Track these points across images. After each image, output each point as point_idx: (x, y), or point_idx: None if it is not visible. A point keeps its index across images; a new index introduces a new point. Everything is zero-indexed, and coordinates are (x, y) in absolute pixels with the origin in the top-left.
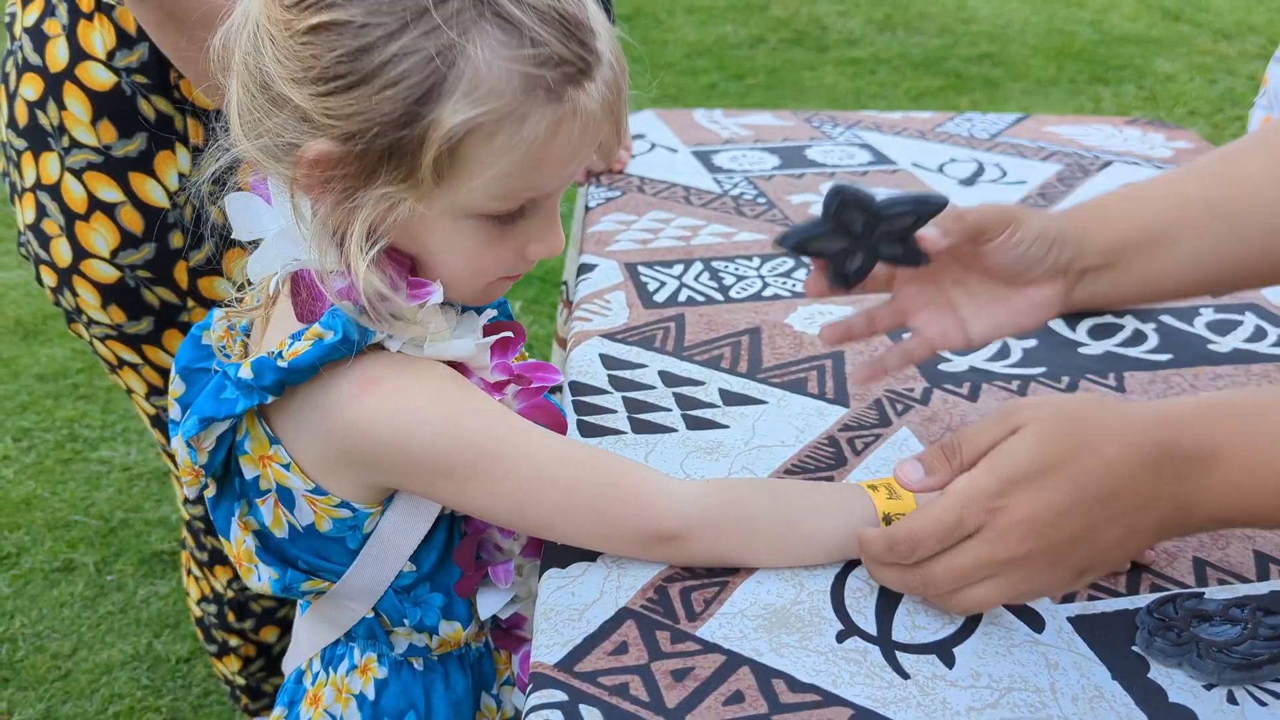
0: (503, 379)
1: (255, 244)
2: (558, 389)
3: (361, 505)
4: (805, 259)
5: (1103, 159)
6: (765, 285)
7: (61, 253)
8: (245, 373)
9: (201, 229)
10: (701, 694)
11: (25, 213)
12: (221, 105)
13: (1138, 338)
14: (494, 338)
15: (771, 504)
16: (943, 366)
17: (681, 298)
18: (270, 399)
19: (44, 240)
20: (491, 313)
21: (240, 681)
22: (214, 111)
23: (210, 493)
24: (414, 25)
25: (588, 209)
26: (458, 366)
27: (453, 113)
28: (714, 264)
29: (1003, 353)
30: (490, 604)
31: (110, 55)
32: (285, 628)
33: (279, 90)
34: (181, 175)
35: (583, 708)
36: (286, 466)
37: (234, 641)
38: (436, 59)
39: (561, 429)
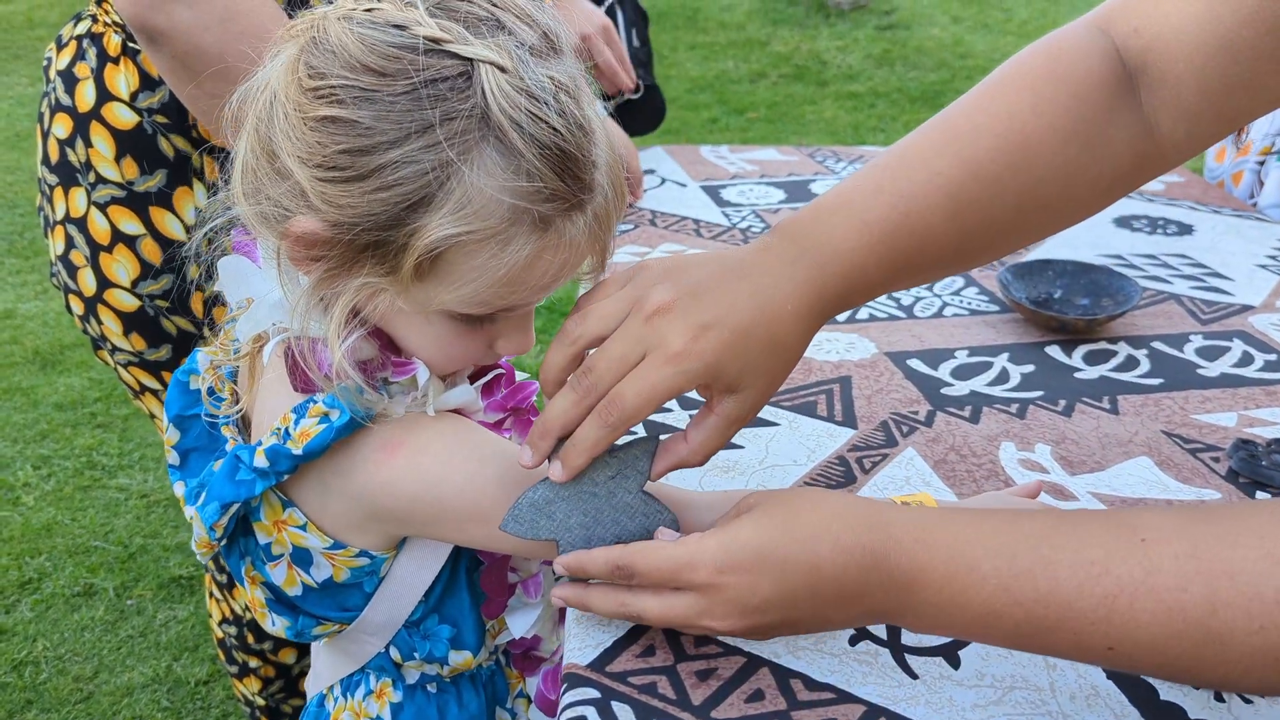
0: (500, 416)
1: None
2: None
3: (379, 552)
4: None
5: None
6: None
7: (87, 282)
8: (261, 461)
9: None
10: (724, 692)
11: (56, 244)
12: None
13: (1130, 363)
14: (481, 382)
15: None
16: (945, 390)
17: None
18: (287, 476)
19: (72, 270)
20: None
21: (260, 702)
22: (229, 152)
23: (220, 547)
24: (416, 137)
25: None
26: (460, 412)
27: (438, 226)
28: None
29: (1002, 377)
30: (522, 623)
31: (133, 96)
32: (303, 649)
33: (284, 163)
34: (198, 210)
35: (614, 704)
36: (303, 527)
37: (254, 663)
38: (431, 173)
39: None
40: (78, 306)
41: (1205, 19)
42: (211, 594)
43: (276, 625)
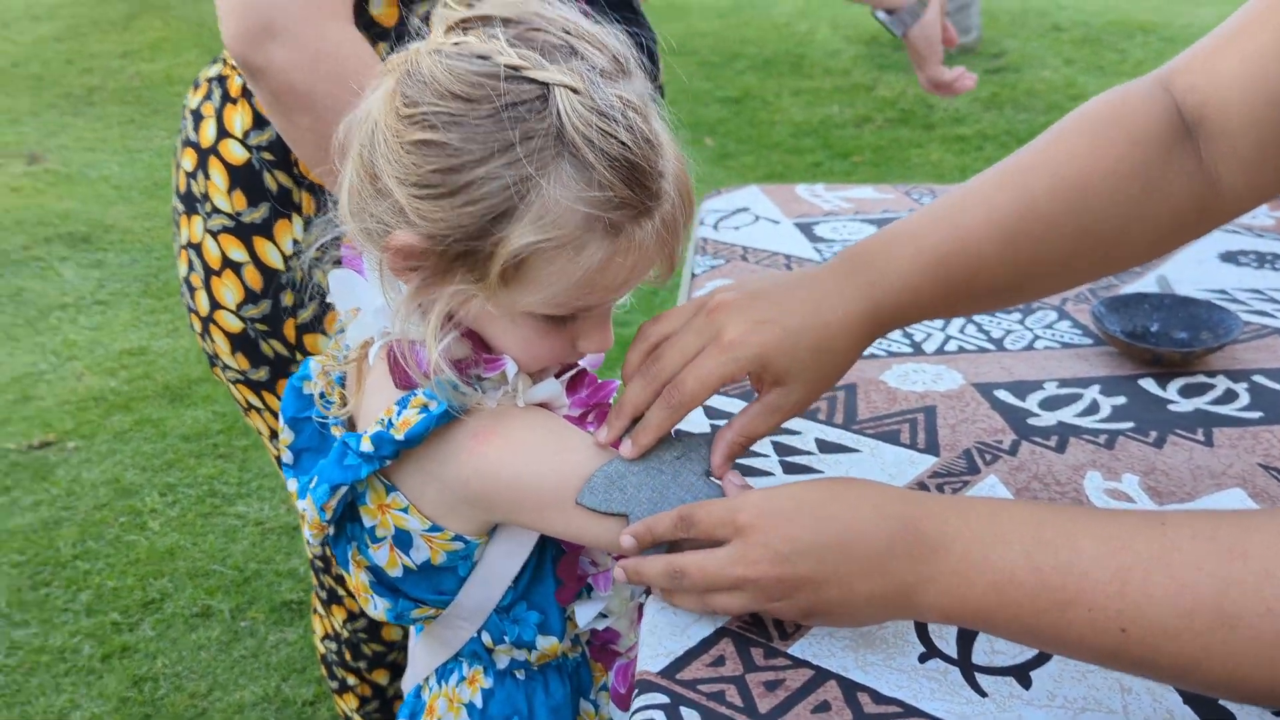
0: (583, 411)
1: None
2: None
3: (472, 537)
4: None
5: None
6: None
7: (202, 303)
8: (366, 446)
9: (307, 291)
10: (791, 703)
11: (181, 267)
12: (330, 186)
13: (1229, 396)
14: (566, 377)
15: None
16: (1031, 420)
17: None
18: (390, 462)
19: (191, 291)
20: None
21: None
22: (324, 189)
23: (330, 531)
24: (499, 155)
25: (693, 275)
26: (546, 405)
27: (520, 235)
28: None
29: (1092, 409)
30: (587, 613)
31: (246, 134)
32: (396, 672)
33: (384, 183)
34: (295, 241)
35: (683, 709)
36: (405, 510)
37: (351, 680)
38: (512, 187)
39: None
40: (196, 325)
41: (1257, 75)
42: (316, 610)
43: (379, 608)
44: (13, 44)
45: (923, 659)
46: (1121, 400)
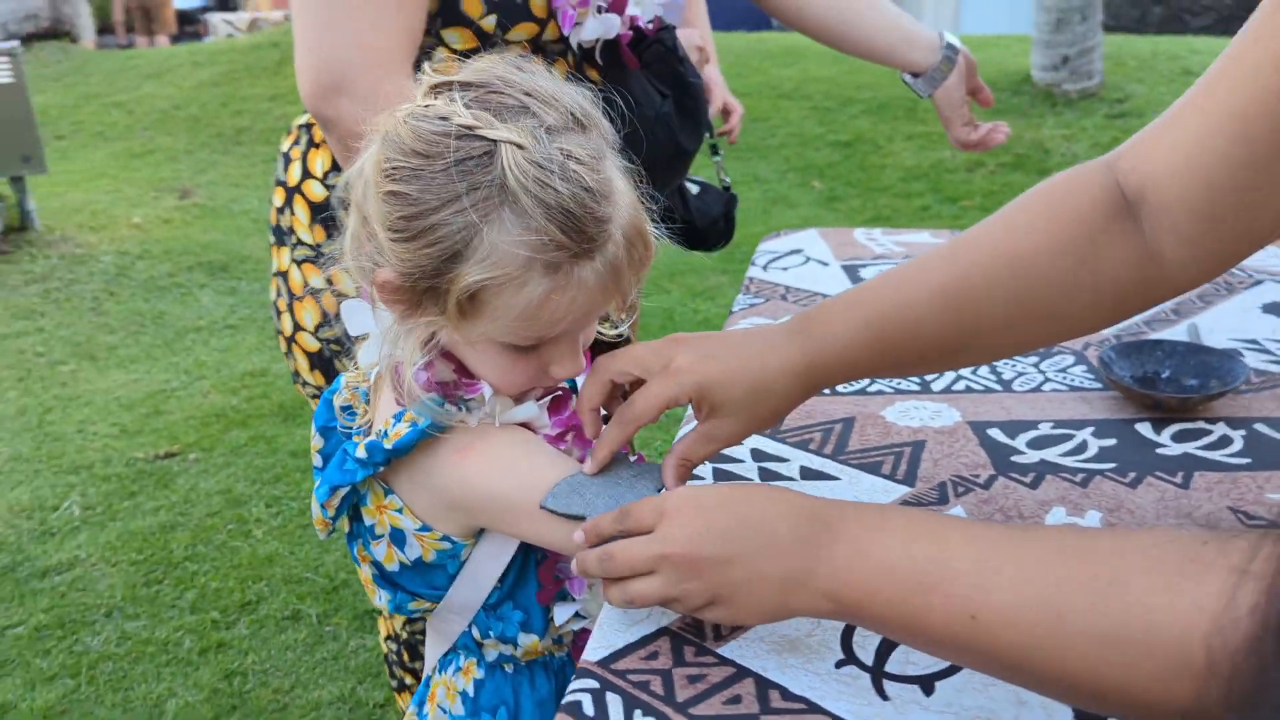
0: (562, 430)
1: None
2: None
3: (459, 539)
4: None
5: (1255, 277)
6: (872, 382)
7: (286, 324)
8: (361, 453)
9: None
10: (707, 694)
11: (271, 292)
12: None
13: (1222, 442)
14: (548, 399)
15: None
16: (1014, 458)
17: None
18: (382, 469)
19: (278, 314)
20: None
21: None
22: None
23: (345, 528)
24: (450, 204)
25: (731, 312)
26: (527, 425)
27: (469, 273)
28: None
29: (1079, 449)
30: (564, 614)
31: (325, 175)
32: None
33: (372, 227)
34: None
35: (608, 694)
36: (400, 511)
37: (409, 679)
38: (460, 233)
39: None
40: (281, 344)
41: (1189, 158)
42: (380, 612)
43: (381, 599)
44: (176, 88)
45: (839, 665)
46: (1112, 442)
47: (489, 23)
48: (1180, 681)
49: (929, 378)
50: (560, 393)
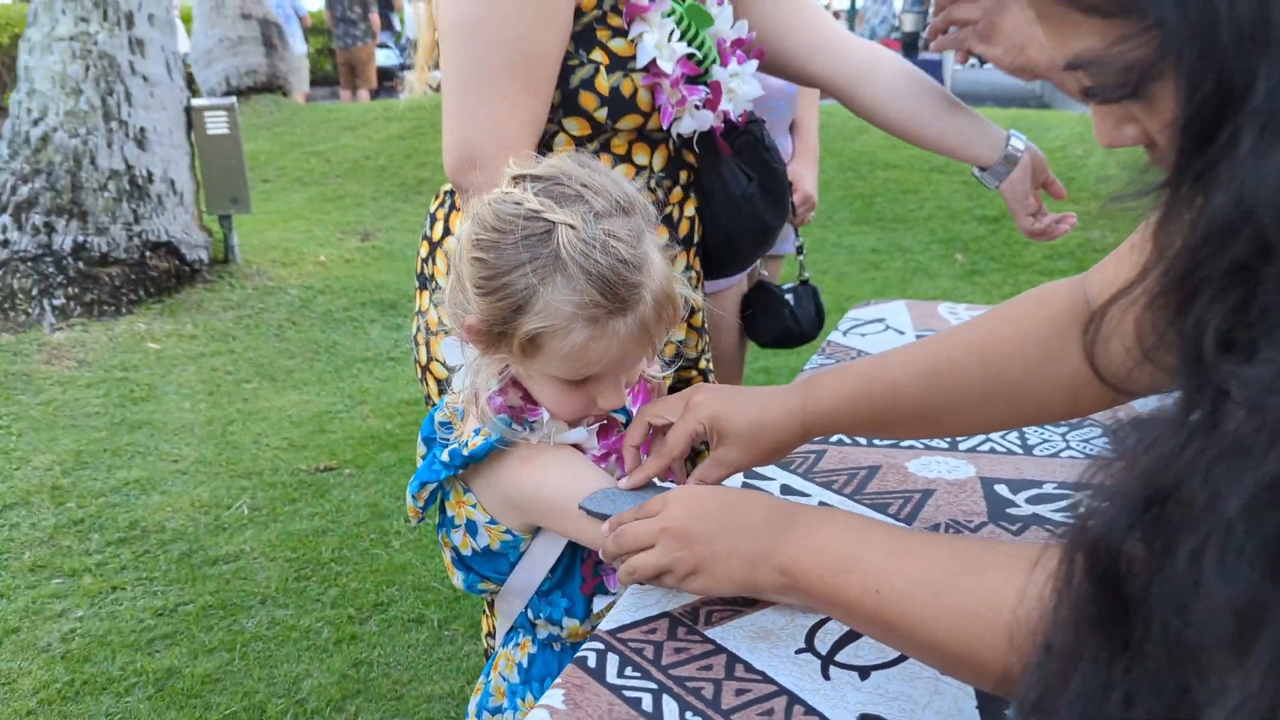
0: (607, 452)
1: None
2: None
3: (519, 533)
4: None
5: None
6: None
7: (422, 355)
8: (445, 458)
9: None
10: (685, 662)
11: (411, 327)
12: None
13: None
14: (597, 425)
15: None
16: (1010, 510)
17: (833, 438)
18: (461, 472)
19: (416, 346)
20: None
21: None
22: None
23: (422, 516)
24: (516, 270)
25: (802, 370)
26: (578, 447)
27: (528, 322)
28: None
29: (1074, 507)
30: (601, 603)
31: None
32: None
33: (464, 283)
34: None
35: (609, 654)
36: (474, 506)
37: None
38: (524, 291)
39: None
40: (418, 372)
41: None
42: (485, 612)
43: (458, 579)
44: (367, 140)
45: (799, 651)
46: None
47: (601, 114)
48: (1003, 653)
49: (959, 437)
50: (607, 421)
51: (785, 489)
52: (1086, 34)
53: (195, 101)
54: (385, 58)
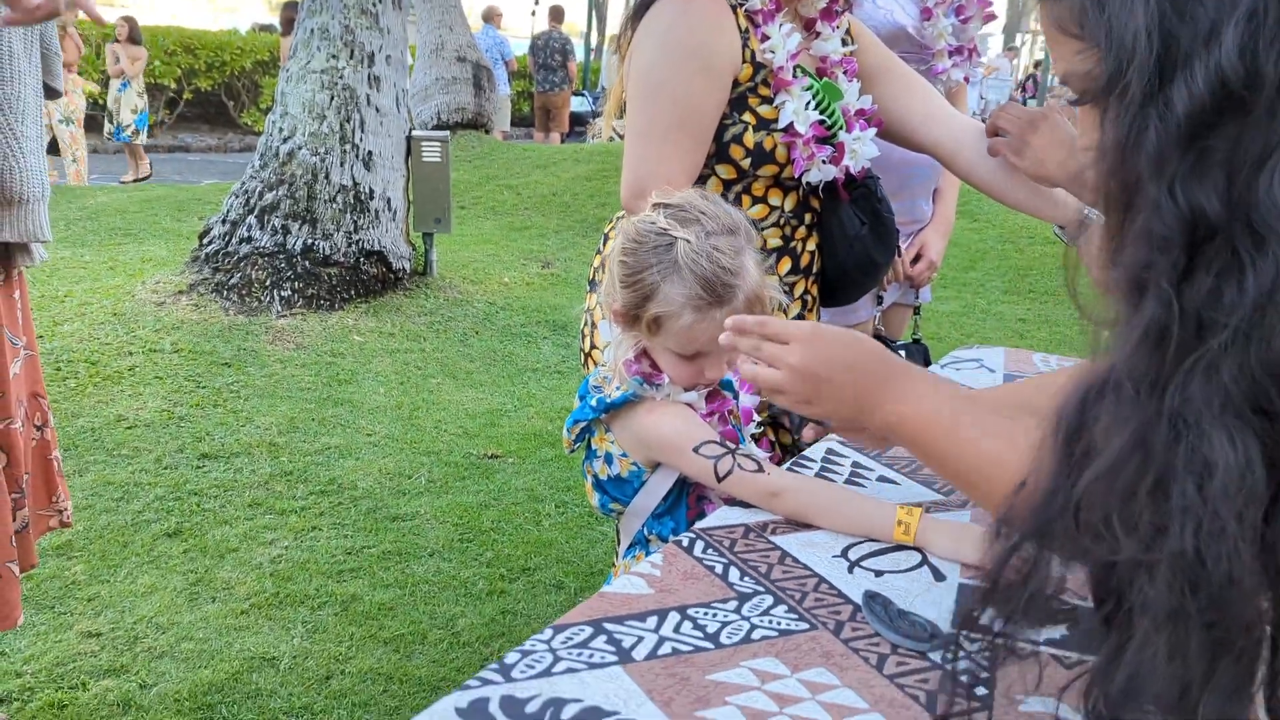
0: (710, 412)
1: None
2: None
3: (642, 465)
4: None
5: None
6: None
7: (586, 343)
8: (594, 403)
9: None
10: (748, 549)
11: (578, 322)
12: None
13: None
14: (705, 391)
15: (830, 490)
16: None
17: None
18: (604, 415)
19: (582, 336)
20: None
21: None
22: None
23: (575, 447)
24: (645, 271)
25: None
26: (691, 407)
27: (653, 308)
28: None
29: None
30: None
31: None
32: None
33: (614, 279)
34: None
35: (697, 540)
36: (613, 442)
37: None
38: (649, 286)
39: (735, 440)
40: (581, 357)
41: None
42: (614, 564)
43: (595, 500)
44: (556, 178)
45: (834, 557)
46: None
47: (746, 163)
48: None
49: None
50: (713, 390)
51: (855, 466)
52: (1071, 53)
53: (415, 132)
54: (578, 104)
